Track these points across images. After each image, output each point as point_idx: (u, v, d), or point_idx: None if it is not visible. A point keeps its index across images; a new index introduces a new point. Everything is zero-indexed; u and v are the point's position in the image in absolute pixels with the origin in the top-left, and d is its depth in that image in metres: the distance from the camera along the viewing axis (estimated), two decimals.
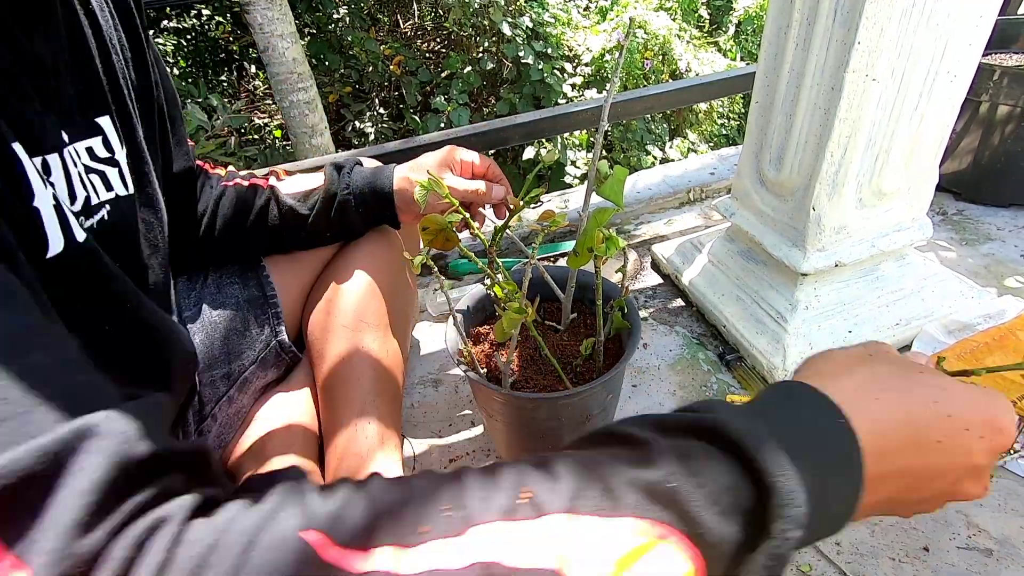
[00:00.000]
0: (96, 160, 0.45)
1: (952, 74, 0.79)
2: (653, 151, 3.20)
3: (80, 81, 0.46)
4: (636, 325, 0.68)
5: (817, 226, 0.86)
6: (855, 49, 0.72)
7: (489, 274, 0.62)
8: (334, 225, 0.74)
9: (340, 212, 0.73)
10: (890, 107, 0.79)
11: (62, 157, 0.42)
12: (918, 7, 0.72)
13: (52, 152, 0.41)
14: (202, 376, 0.69)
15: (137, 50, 0.54)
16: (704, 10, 3.86)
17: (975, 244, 1.19)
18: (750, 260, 1.01)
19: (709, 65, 3.39)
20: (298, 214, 0.73)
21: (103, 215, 0.45)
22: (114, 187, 0.47)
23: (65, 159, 0.42)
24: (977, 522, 0.72)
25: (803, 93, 0.82)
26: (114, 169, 0.47)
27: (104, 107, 0.47)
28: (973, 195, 1.29)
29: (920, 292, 0.97)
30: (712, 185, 1.47)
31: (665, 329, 1.07)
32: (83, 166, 0.44)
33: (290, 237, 0.75)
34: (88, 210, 0.44)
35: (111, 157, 0.47)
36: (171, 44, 3.39)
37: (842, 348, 0.36)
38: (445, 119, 3.06)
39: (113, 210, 0.46)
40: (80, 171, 0.44)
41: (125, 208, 0.47)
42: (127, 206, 0.48)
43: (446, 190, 0.59)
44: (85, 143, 0.45)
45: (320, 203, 0.73)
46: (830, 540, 0.71)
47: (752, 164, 0.97)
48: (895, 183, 0.87)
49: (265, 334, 0.74)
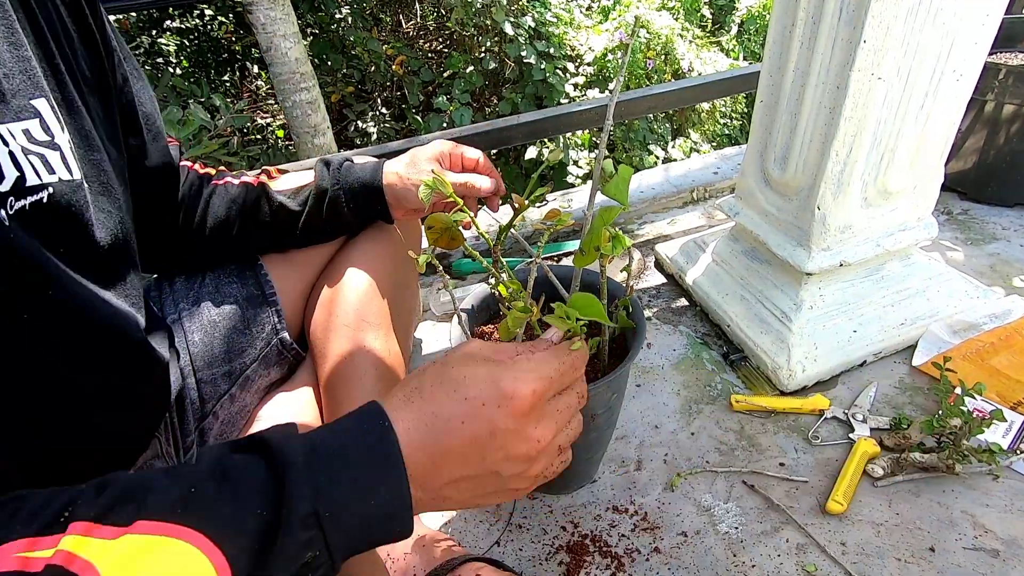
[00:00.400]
0: (34, 142, 0.44)
1: (958, 73, 0.79)
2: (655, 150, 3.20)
3: (12, 60, 0.45)
4: (641, 325, 0.68)
5: (822, 225, 0.86)
6: (861, 48, 0.72)
7: (494, 273, 0.62)
8: (327, 221, 0.74)
9: (332, 208, 0.72)
10: (896, 106, 0.79)
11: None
12: (924, 6, 0.72)
13: None
14: (202, 374, 0.69)
15: (88, 41, 0.54)
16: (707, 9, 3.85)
17: (980, 244, 1.18)
18: (754, 259, 1.01)
19: (711, 65, 3.39)
20: (290, 211, 0.73)
21: (41, 197, 0.44)
22: (56, 171, 0.45)
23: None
24: (984, 523, 0.71)
25: (808, 92, 0.81)
26: (55, 152, 0.46)
27: (39, 90, 0.46)
28: (978, 194, 1.28)
29: (925, 292, 0.97)
30: (716, 184, 1.46)
31: (669, 329, 1.06)
32: (20, 146, 0.43)
33: (284, 235, 0.75)
34: (20, 191, 0.43)
35: (51, 140, 0.46)
36: (174, 44, 3.39)
37: None
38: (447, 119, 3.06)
39: (56, 193, 0.45)
40: (15, 150, 0.43)
41: (70, 193, 0.46)
42: (72, 191, 0.47)
43: (450, 188, 0.59)
44: (21, 124, 0.44)
45: (312, 199, 0.72)
46: (835, 540, 0.71)
47: (756, 163, 0.97)
48: (901, 182, 0.86)
49: (266, 332, 0.74)
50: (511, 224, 0.65)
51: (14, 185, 0.42)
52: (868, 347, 0.91)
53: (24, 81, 0.45)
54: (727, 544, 0.73)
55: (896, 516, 0.73)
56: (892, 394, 0.89)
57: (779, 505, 0.76)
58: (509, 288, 0.59)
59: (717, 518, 0.76)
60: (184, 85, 2.58)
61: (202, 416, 0.69)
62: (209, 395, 0.69)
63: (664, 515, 0.77)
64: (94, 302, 0.49)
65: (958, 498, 0.74)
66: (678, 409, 0.91)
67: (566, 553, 0.74)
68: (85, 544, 0.29)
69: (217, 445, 0.37)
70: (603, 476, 0.82)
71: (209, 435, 0.69)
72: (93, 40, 0.54)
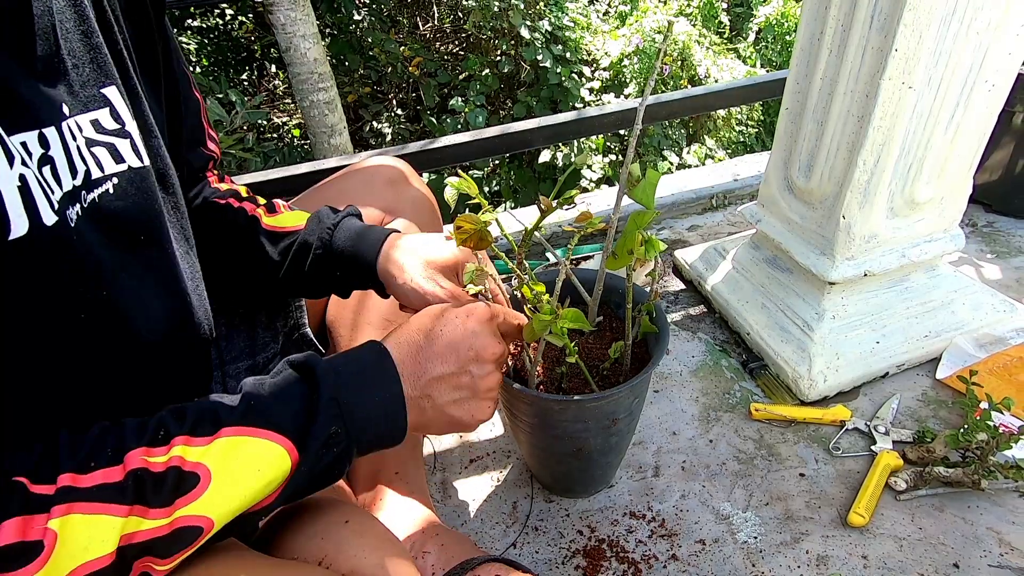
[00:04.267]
0: (103, 132, 0.44)
1: (990, 84, 0.78)
2: (670, 156, 3.19)
3: (83, 50, 0.44)
4: (664, 330, 0.68)
5: (847, 235, 0.85)
6: (892, 56, 0.72)
7: (519, 275, 0.62)
8: (312, 279, 0.64)
9: (316, 267, 0.63)
10: (926, 116, 0.78)
11: (60, 131, 0.41)
12: (958, 15, 0.71)
13: (49, 126, 0.40)
14: (228, 367, 0.70)
15: (142, 27, 0.53)
16: (724, 16, 3.84)
17: (1006, 257, 1.17)
18: (775, 268, 1.00)
19: (728, 71, 3.38)
20: (269, 257, 0.63)
21: (108, 188, 0.44)
22: (126, 159, 0.45)
23: (63, 133, 0.41)
24: (1010, 540, 0.70)
25: (836, 100, 0.81)
26: (125, 140, 0.46)
27: (110, 77, 0.46)
28: (1004, 207, 1.27)
29: (950, 304, 0.95)
30: (736, 191, 1.46)
31: (688, 335, 1.06)
32: (84, 139, 0.43)
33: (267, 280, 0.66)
34: (89, 184, 0.42)
35: (121, 128, 0.46)
36: (194, 43, 3.43)
37: None
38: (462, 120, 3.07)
39: (124, 182, 0.45)
40: (80, 144, 0.42)
41: (139, 180, 0.46)
42: (141, 178, 0.47)
43: (475, 189, 0.58)
44: (90, 115, 0.44)
45: (294, 251, 0.63)
46: (856, 553, 0.70)
47: (780, 171, 0.96)
48: (928, 193, 0.86)
49: (288, 327, 0.75)
50: (537, 226, 0.65)
51: (84, 178, 0.42)
52: (891, 359, 0.90)
53: (94, 70, 0.45)
54: (746, 554, 0.72)
55: (919, 531, 0.72)
56: (915, 407, 0.88)
57: (799, 516, 0.75)
58: (533, 290, 0.59)
59: (736, 527, 0.75)
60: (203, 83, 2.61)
61: None
62: (234, 388, 0.69)
63: (682, 522, 0.76)
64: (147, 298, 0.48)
65: (983, 514, 0.73)
66: (696, 416, 0.90)
67: (582, 557, 0.73)
68: (189, 451, 0.39)
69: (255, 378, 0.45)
70: (620, 481, 0.82)
71: None
72: (148, 27, 0.54)
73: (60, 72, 0.43)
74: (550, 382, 0.69)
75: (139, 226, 0.47)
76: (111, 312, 0.44)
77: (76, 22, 0.45)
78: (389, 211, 0.82)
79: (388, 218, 0.82)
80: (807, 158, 0.89)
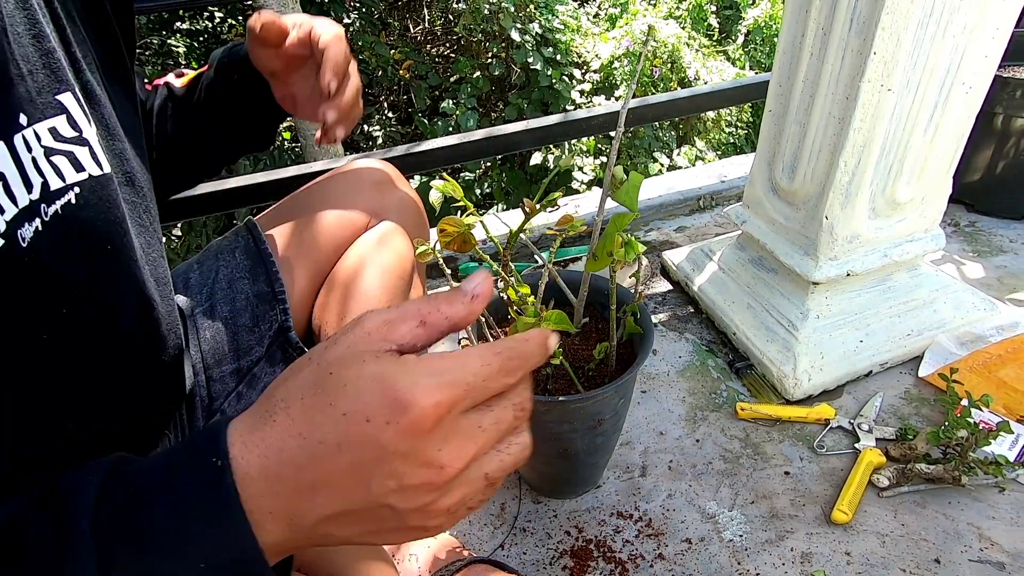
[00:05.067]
0: (61, 140, 0.42)
1: (967, 86, 0.79)
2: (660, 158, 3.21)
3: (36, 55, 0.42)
4: (649, 331, 0.68)
5: (830, 235, 0.86)
6: (871, 59, 0.73)
7: (503, 277, 0.62)
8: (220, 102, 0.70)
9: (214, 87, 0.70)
10: (905, 117, 0.79)
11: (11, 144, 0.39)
12: (934, 18, 0.72)
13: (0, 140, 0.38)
14: (212, 372, 0.69)
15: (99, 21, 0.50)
16: (713, 19, 3.87)
17: (988, 256, 1.18)
18: (761, 268, 1.01)
19: (718, 73, 3.40)
20: (182, 98, 0.70)
21: (70, 198, 0.42)
22: (86, 167, 0.43)
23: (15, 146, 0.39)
24: (990, 535, 0.71)
25: (817, 102, 0.82)
26: (83, 148, 0.43)
27: (63, 83, 0.43)
28: (986, 207, 1.28)
29: (932, 303, 0.97)
30: (722, 193, 1.47)
31: (675, 336, 1.06)
32: (43, 148, 0.41)
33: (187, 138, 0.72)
34: (48, 196, 0.40)
35: (79, 136, 0.43)
36: (183, 45, 3.42)
37: None
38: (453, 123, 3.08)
39: (85, 191, 0.43)
40: (37, 155, 0.40)
41: (100, 188, 0.44)
42: (102, 186, 0.44)
43: (460, 192, 0.59)
44: (48, 123, 0.41)
45: (201, 90, 0.70)
46: (840, 550, 0.71)
47: (765, 172, 0.97)
48: (909, 193, 0.87)
49: (273, 330, 0.75)
50: (522, 228, 0.66)
51: (42, 191, 0.40)
52: (874, 357, 0.91)
53: (48, 76, 0.43)
54: (732, 552, 0.73)
55: (901, 527, 0.73)
56: (898, 405, 0.89)
57: (784, 514, 0.76)
58: (519, 292, 0.60)
59: (722, 526, 0.76)
60: None
61: (210, 414, 0.69)
62: (218, 393, 0.69)
63: (669, 521, 0.77)
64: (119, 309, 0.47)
65: (964, 510, 0.74)
66: (683, 416, 0.91)
67: (570, 558, 0.73)
68: None
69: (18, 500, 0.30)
70: (608, 481, 0.82)
71: None
72: (106, 20, 0.51)
73: (13, 80, 0.40)
74: (536, 383, 0.70)
75: (103, 236, 0.45)
76: (76, 329, 0.42)
77: (27, 26, 0.42)
78: (375, 213, 0.82)
79: (374, 221, 0.82)
80: (790, 159, 0.90)
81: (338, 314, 0.73)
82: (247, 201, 1.21)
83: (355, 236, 0.82)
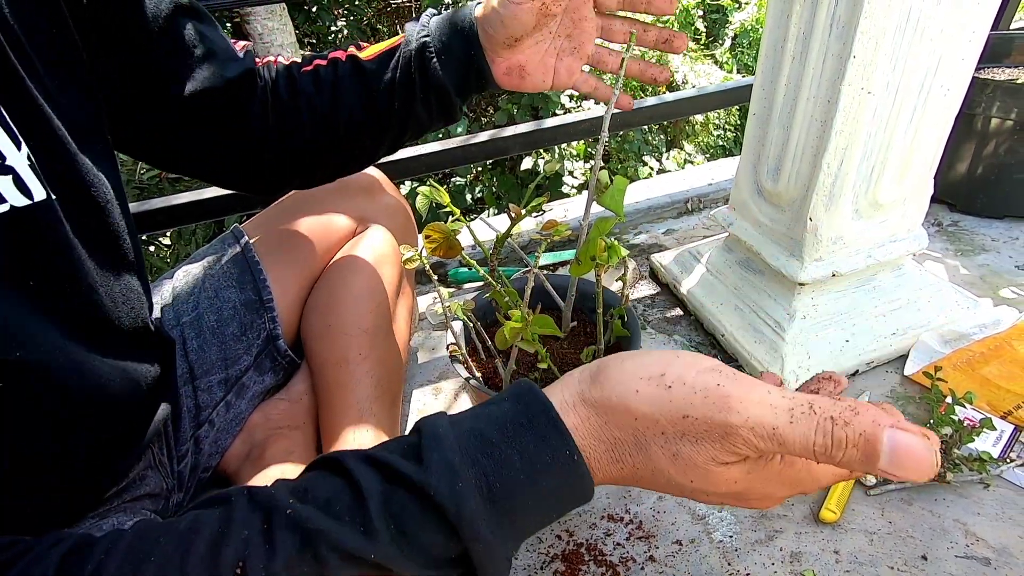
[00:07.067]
0: None
1: (946, 88, 0.81)
2: (650, 161, 3.23)
3: None
4: (636, 334, 0.68)
5: (814, 236, 0.87)
6: (851, 63, 0.74)
7: (491, 282, 0.62)
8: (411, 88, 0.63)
9: (420, 63, 0.62)
10: (885, 120, 0.80)
11: None
12: (911, 22, 0.73)
13: None
14: (199, 382, 0.69)
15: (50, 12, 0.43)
16: (701, 23, 3.91)
17: (970, 255, 1.20)
18: (748, 270, 1.02)
19: (706, 77, 3.43)
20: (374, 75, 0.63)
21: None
22: (8, 199, 0.38)
23: None
24: (975, 531, 0.72)
25: (800, 105, 0.83)
26: (6, 177, 0.38)
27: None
28: (968, 206, 1.30)
29: (916, 302, 0.98)
30: (710, 195, 1.48)
31: (664, 338, 1.07)
32: None
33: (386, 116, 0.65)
34: None
35: (1, 164, 0.38)
36: None
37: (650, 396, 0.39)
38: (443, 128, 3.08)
39: (7, 224, 0.38)
40: None
41: (27, 221, 0.39)
42: (31, 218, 0.39)
43: (447, 198, 0.59)
44: None
45: (401, 62, 0.62)
46: (828, 548, 0.72)
47: (750, 175, 0.98)
48: (891, 195, 0.88)
49: (261, 339, 0.74)
50: (508, 233, 0.66)
51: None
52: (860, 357, 0.92)
53: None
54: (722, 552, 0.73)
55: (889, 524, 0.74)
56: (884, 403, 0.90)
57: (773, 513, 0.76)
58: (506, 297, 0.60)
59: (712, 527, 0.76)
60: None
61: (198, 424, 0.69)
62: (205, 403, 0.69)
63: (659, 523, 0.77)
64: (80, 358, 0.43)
65: (950, 507, 0.75)
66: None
67: (561, 562, 0.74)
68: None
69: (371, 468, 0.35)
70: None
71: (204, 443, 0.69)
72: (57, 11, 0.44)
73: None
74: None
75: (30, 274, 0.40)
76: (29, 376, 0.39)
77: None
78: (363, 219, 0.83)
79: (362, 227, 0.82)
80: (775, 162, 0.91)
81: (324, 320, 0.73)
82: (235, 209, 1.21)
83: (343, 242, 0.82)
